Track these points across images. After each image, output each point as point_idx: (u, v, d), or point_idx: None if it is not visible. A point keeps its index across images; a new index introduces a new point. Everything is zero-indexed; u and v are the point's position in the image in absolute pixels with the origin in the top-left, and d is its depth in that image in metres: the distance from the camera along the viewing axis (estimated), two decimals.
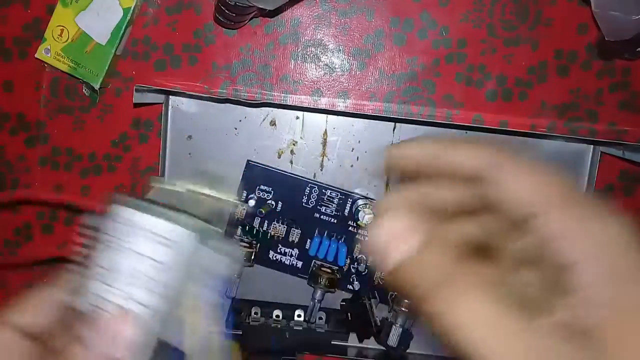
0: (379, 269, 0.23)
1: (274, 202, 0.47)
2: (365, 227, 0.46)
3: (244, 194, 0.47)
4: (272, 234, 0.47)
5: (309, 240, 0.47)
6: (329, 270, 0.47)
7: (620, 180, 0.48)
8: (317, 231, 0.47)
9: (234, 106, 0.47)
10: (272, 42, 0.46)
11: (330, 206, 0.47)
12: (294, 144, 0.48)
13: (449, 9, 0.45)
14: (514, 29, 0.46)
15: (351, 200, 0.47)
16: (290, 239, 0.47)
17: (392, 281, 0.19)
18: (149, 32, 0.46)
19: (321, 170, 0.48)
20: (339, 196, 0.47)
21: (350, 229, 0.47)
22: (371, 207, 0.46)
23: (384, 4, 0.45)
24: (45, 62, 0.45)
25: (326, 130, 0.48)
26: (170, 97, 0.47)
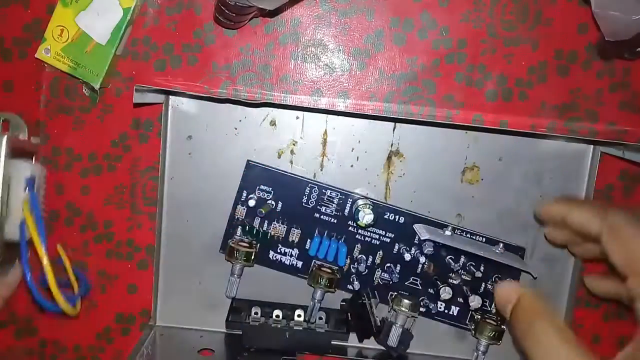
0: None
1: (274, 202, 0.47)
2: (365, 227, 0.46)
3: (244, 194, 0.47)
4: (272, 234, 0.47)
5: (309, 240, 0.47)
6: (329, 270, 0.47)
7: (620, 180, 0.48)
8: (317, 231, 0.47)
9: (234, 106, 0.47)
10: (272, 42, 0.46)
11: (330, 206, 0.47)
12: (294, 144, 0.48)
13: (449, 9, 0.45)
14: (514, 29, 0.46)
15: (351, 200, 0.47)
16: (290, 239, 0.47)
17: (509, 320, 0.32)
18: (149, 32, 0.46)
19: (321, 170, 0.48)
20: (339, 196, 0.47)
21: (350, 229, 0.47)
22: (371, 207, 0.46)
23: (384, 4, 0.45)
24: (45, 62, 0.45)
25: (326, 130, 0.48)
26: (170, 97, 0.47)
